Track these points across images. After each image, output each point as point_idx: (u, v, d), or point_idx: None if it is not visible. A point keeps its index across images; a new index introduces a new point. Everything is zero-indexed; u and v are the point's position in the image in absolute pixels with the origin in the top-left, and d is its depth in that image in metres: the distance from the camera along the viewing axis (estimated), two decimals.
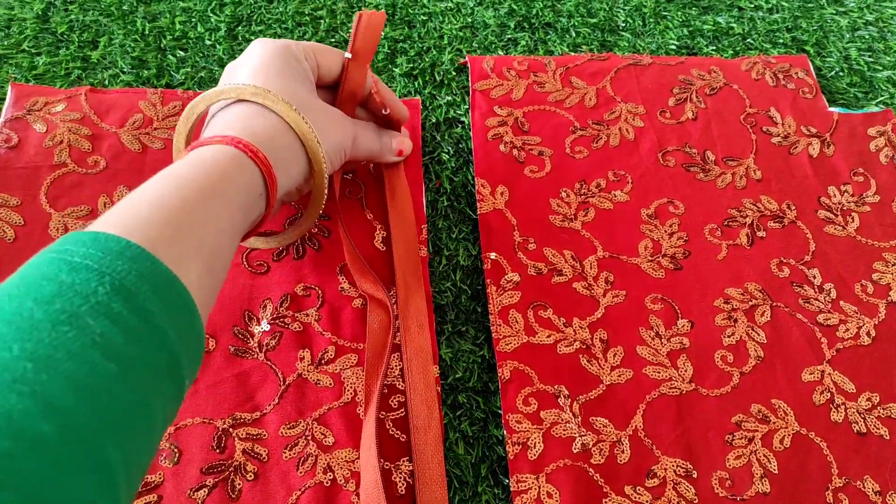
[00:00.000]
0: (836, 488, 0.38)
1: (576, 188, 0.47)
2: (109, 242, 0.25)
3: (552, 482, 0.37)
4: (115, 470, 0.22)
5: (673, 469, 0.38)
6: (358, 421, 0.38)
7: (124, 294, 0.23)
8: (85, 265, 0.23)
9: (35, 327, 0.21)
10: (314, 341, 0.40)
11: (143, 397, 0.24)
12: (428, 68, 0.53)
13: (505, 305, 0.42)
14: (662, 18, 0.57)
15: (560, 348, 0.41)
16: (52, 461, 0.19)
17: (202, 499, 0.35)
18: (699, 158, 0.49)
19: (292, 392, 0.39)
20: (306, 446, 0.37)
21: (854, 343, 0.43)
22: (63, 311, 0.22)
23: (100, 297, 0.23)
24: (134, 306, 0.24)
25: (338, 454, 0.37)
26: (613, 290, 0.44)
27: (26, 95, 0.47)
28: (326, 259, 0.43)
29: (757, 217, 0.47)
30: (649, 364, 0.41)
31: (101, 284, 0.23)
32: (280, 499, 0.36)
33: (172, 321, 0.25)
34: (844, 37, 0.58)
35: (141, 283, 0.24)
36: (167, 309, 0.25)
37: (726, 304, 0.44)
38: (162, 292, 0.25)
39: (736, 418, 0.40)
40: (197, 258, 0.28)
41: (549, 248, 0.44)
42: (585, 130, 0.50)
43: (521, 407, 0.39)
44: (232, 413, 0.38)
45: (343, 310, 0.42)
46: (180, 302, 0.26)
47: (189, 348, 0.26)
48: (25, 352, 0.20)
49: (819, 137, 0.51)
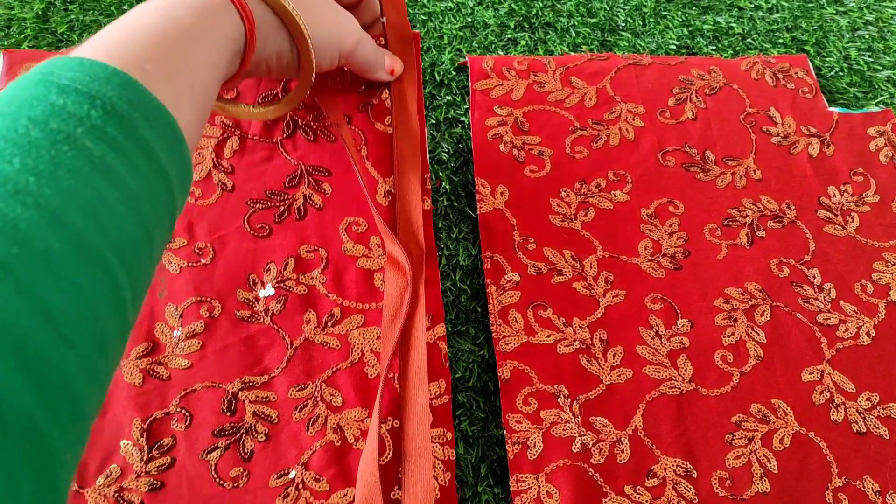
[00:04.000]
0: (836, 488, 0.38)
1: (576, 188, 0.47)
2: (96, 68, 0.24)
3: (552, 482, 0.37)
4: (123, 289, 0.22)
5: (673, 469, 0.38)
6: (366, 381, 0.39)
7: (117, 119, 0.23)
8: (74, 88, 0.23)
9: (33, 144, 0.21)
10: (319, 304, 0.41)
11: (146, 226, 0.23)
12: (428, 68, 0.53)
13: (505, 305, 0.42)
14: (662, 18, 0.57)
15: (560, 348, 0.41)
16: (60, 272, 0.19)
17: (215, 460, 0.36)
18: (699, 158, 0.49)
19: (300, 355, 0.39)
20: (315, 407, 0.38)
21: (854, 343, 0.43)
22: (59, 130, 0.21)
23: (94, 121, 0.22)
24: (129, 134, 0.23)
25: (347, 414, 0.38)
26: (613, 289, 0.44)
27: (19, 62, 0.46)
28: (328, 218, 0.44)
29: (757, 217, 0.47)
30: (649, 364, 0.41)
31: (94, 108, 0.22)
32: (291, 458, 0.37)
33: (165, 152, 0.25)
34: (844, 37, 0.58)
35: (133, 111, 0.23)
36: (160, 139, 0.24)
37: (726, 304, 0.44)
38: (154, 122, 0.24)
39: (736, 418, 0.40)
40: (189, 99, 0.27)
41: (549, 248, 0.44)
42: (585, 130, 0.50)
43: (520, 407, 0.39)
44: (240, 377, 0.38)
45: (347, 271, 0.42)
46: (171, 134, 0.25)
47: (181, 180, 0.26)
48: (26, 166, 0.20)
49: (819, 137, 0.51)
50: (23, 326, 0.17)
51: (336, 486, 0.36)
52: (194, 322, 0.39)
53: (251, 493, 0.36)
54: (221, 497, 0.36)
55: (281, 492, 0.36)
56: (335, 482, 0.36)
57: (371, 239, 0.43)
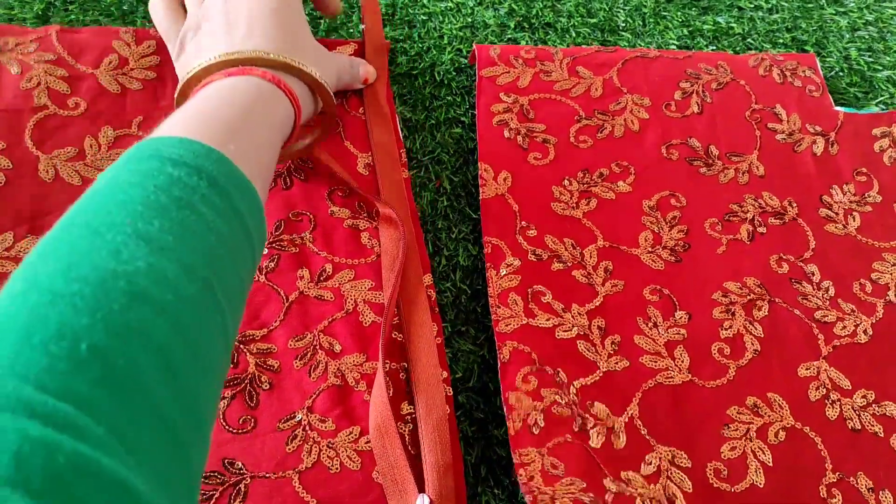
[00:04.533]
0: (830, 483, 0.38)
1: (578, 177, 0.47)
2: (195, 145, 0.28)
3: (555, 455, 0.37)
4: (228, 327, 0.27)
5: (668, 458, 0.38)
6: (361, 329, 0.41)
7: (219, 190, 0.27)
8: (183, 162, 0.27)
9: (164, 208, 0.25)
10: (311, 261, 0.42)
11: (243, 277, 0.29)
12: (428, 68, 0.52)
13: (504, 289, 0.42)
14: (662, 18, 0.57)
15: (558, 333, 0.41)
16: (197, 313, 0.24)
17: (223, 409, 0.38)
18: (703, 153, 0.49)
19: (296, 308, 0.41)
20: (315, 355, 0.39)
21: (851, 341, 0.43)
22: (181, 198, 0.26)
23: (203, 191, 0.26)
24: (228, 203, 0.28)
25: (346, 359, 0.40)
26: (612, 279, 0.43)
27: None
28: (314, 187, 0.45)
29: (758, 213, 0.47)
30: (646, 353, 0.41)
31: (201, 179, 0.27)
32: (296, 403, 0.38)
33: (251, 219, 0.29)
34: (844, 37, 0.58)
35: (228, 184, 0.28)
36: (247, 208, 0.29)
37: (724, 298, 0.44)
38: (243, 194, 0.29)
39: (731, 410, 0.40)
40: (259, 174, 0.31)
41: (550, 236, 0.44)
42: (590, 120, 0.50)
43: (520, 385, 0.39)
44: (241, 331, 0.40)
45: (335, 231, 0.43)
46: (255, 204, 0.30)
47: (261, 241, 0.31)
48: (164, 228, 0.24)
49: (823, 136, 0.51)
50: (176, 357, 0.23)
51: (342, 426, 0.38)
52: None
53: (260, 437, 0.37)
54: (232, 443, 0.37)
55: (289, 434, 0.37)
56: (340, 422, 0.38)
57: (356, 203, 0.45)
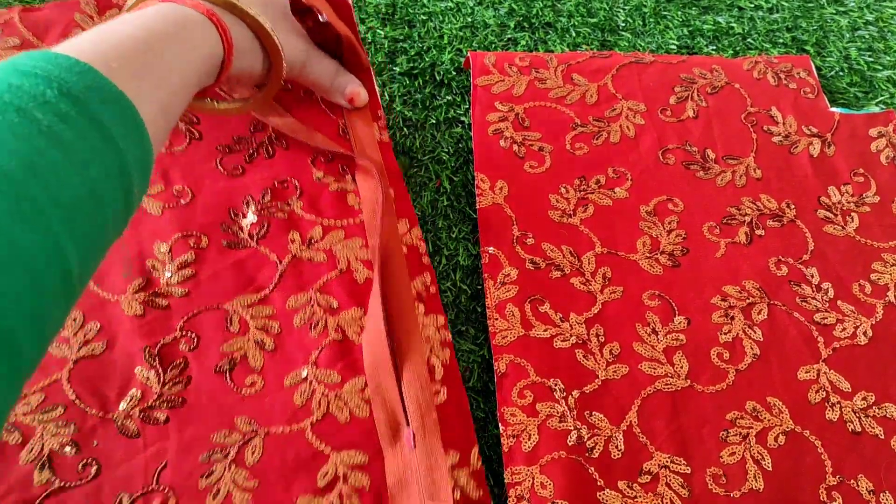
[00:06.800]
0: (830, 486, 0.38)
1: (575, 184, 0.47)
2: (60, 59, 0.25)
3: (546, 473, 0.37)
4: (68, 252, 0.23)
5: (667, 465, 0.38)
6: (356, 285, 0.42)
7: (72, 98, 0.24)
8: (34, 73, 0.24)
9: None
10: (301, 225, 0.43)
11: (92, 189, 0.24)
12: (428, 68, 0.53)
13: (502, 300, 0.42)
14: (662, 18, 0.57)
15: (556, 343, 0.41)
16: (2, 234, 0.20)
17: (229, 371, 0.38)
18: (699, 156, 0.49)
19: (290, 271, 0.42)
20: (314, 313, 0.40)
21: (851, 343, 0.43)
22: (10, 103, 0.23)
23: (48, 98, 0.24)
24: (82, 110, 0.24)
25: (345, 315, 0.41)
26: (611, 286, 0.44)
27: None
28: (296, 155, 0.46)
29: (756, 215, 0.47)
30: (645, 360, 0.41)
31: (49, 88, 0.24)
32: (300, 360, 0.39)
33: (119, 129, 0.26)
34: (844, 37, 0.58)
35: (89, 93, 0.25)
36: (115, 119, 0.26)
37: (723, 302, 0.44)
38: (110, 105, 0.26)
39: (731, 415, 0.40)
40: (153, 96, 0.29)
41: (548, 243, 0.45)
42: (586, 127, 0.50)
43: (516, 399, 0.39)
44: (238, 296, 0.40)
45: (321, 195, 0.44)
46: (129, 117, 0.27)
47: (137, 160, 0.27)
48: None
49: (820, 137, 0.51)
50: None
51: (347, 377, 0.39)
52: (184, 254, 0.41)
53: (269, 395, 0.38)
54: (241, 403, 0.38)
55: (297, 389, 0.38)
56: (345, 373, 0.39)
57: (339, 167, 0.46)
